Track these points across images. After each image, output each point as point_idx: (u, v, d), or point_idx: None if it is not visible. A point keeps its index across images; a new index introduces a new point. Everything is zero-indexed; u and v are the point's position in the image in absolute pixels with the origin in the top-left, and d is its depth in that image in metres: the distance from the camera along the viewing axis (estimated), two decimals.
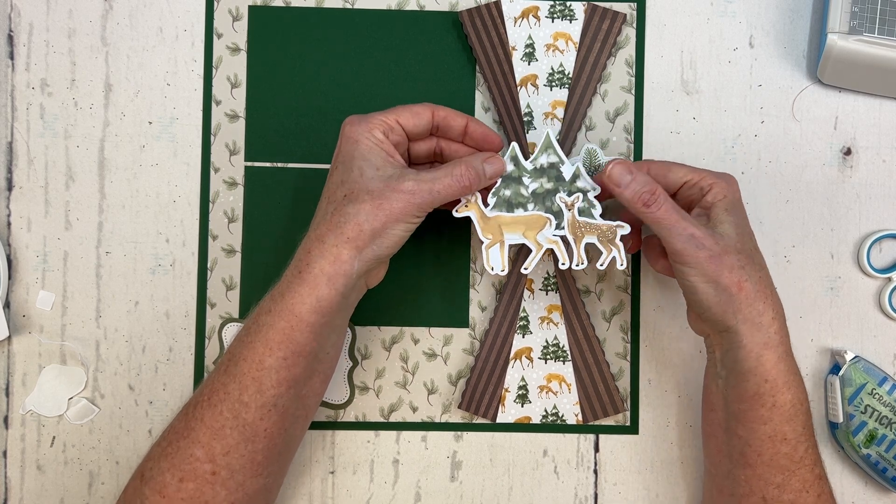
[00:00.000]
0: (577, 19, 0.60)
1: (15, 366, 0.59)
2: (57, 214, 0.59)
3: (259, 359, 0.49)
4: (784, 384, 0.50)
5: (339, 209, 0.49)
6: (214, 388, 0.49)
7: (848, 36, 0.57)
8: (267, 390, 0.49)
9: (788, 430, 0.50)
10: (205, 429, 0.49)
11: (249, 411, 0.49)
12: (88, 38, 0.60)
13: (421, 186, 0.50)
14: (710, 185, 0.52)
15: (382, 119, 0.51)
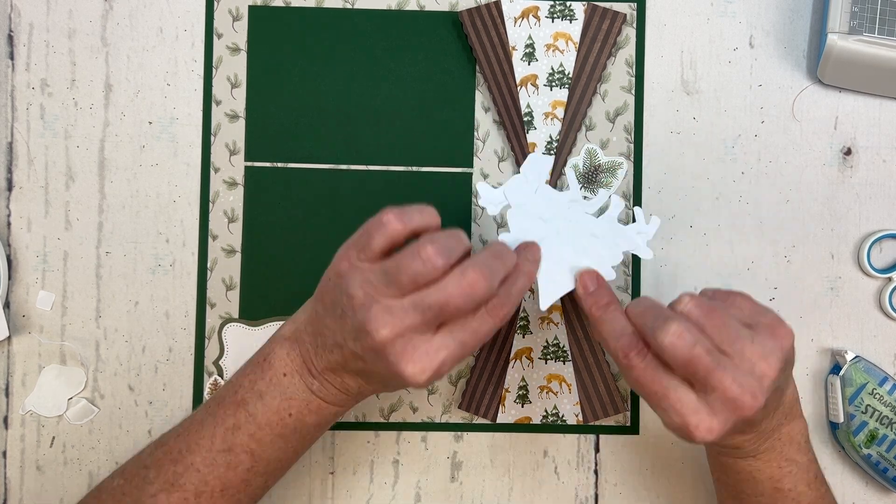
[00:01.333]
0: (577, 19, 0.60)
1: (15, 366, 0.59)
2: (57, 214, 0.59)
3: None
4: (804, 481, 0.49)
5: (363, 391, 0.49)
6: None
7: (848, 36, 0.57)
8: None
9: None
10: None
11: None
12: (88, 39, 0.60)
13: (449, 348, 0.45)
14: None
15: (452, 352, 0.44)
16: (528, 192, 0.52)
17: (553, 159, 0.59)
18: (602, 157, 0.61)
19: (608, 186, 0.60)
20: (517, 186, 0.52)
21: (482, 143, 0.60)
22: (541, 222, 0.52)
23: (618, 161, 0.61)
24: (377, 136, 0.60)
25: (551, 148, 0.60)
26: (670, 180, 0.61)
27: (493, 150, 0.60)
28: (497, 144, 0.60)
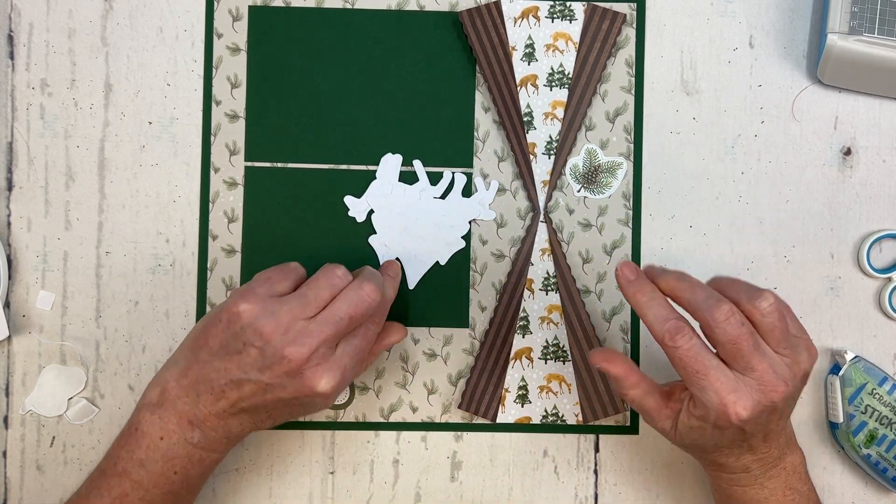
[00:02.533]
0: (576, 19, 0.60)
1: (15, 366, 0.59)
2: (57, 214, 0.59)
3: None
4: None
5: (279, 419, 0.52)
6: None
7: (848, 36, 0.57)
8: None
9: None
10: None
11: None
12: (88, 39, 0.60)
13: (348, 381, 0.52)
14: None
15: (349, 366, 0.51)
16: (386, 193, 0.60)
17: (400, 157, 0.60)
18: (602, 157, 0.61)
19: (608, 186, 0.60)
20: (376, 190, 0.60)
21: (482, 143, 0.60)
22: (400, 217, 0.60)
23: (618, 161, 0.61)
24: (377, 136, 0.60)
25: (551, 148, 0.60)
26: (670, 180, 0.61)
27: (493, 150, 0.60)
28: (497, 144, 0.60)
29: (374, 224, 0.60)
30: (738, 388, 0.47)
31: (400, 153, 0.60)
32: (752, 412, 0.46)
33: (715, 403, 0.47)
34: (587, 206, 0.61)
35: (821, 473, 0.61)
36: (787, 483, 0.51)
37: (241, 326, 0.48)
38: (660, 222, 0.61)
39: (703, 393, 0.47)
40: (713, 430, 0.48)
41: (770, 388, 0.47)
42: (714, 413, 0.47)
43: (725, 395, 0.46)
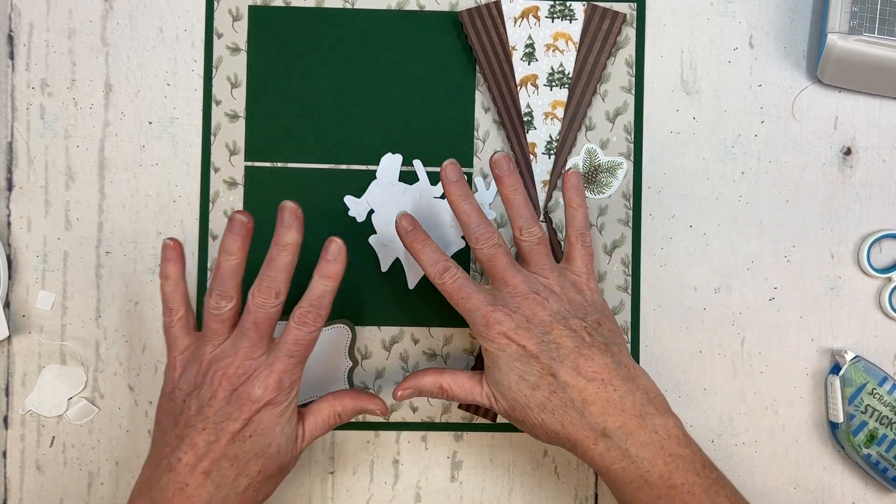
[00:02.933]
0: (577, 19, 0.60)
1: (15, 366, 0.59)
2: (57, 214, 0.59)
3: None
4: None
5: (252, 485, 0.50)
6: None
7: (848, 36, 0.57)
8: None
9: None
10: None
11: None
12: (88, 39, 0.60)
13: (305, 443, 0.52)
14: None
15: (293, 382, 0.51)
16: (386, 193, 0.60)
17: (400, 157, 0.60)
18: (602, 157, 0.61)
19: (608, 186, 0.60)
20: (376, 190, 0.60)
21: (482, 143, 0.61)
22: None
23: (618, 161, 0.61)
24: (377, 136, 0.60)
25: (551, 148, 0.60)
26: (670, 180, 0.61)
27: (493, 150, 0.60)
28: (497, 144, 0.61)
29: (374, 224, 0.60)
30: (496, 303, 0.51)
31: (400, 153, 0.60)
32: (511, 321, 0.50)
33: (479, 320, 0.51)
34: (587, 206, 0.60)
35: (821, 473, 0.61)
36: (664, 451, 0.49)
37: (194, 388, 0.49)
38: (660, 222, 0.61)
39: (470, 316, 0.51)
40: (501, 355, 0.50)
41: (523, 296, 0.51)
42: (482, 330, 0.50)
43: (485, 308, 0.50)
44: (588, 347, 0.50)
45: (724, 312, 0.61)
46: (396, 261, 0.60)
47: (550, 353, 0.50)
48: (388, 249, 0.60)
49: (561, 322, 0.50)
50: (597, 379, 0.49)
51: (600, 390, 0.49)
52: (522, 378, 0.50)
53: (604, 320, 0.52)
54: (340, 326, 0.60)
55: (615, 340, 0.52)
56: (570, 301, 0.52)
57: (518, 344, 0.50)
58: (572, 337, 0.50)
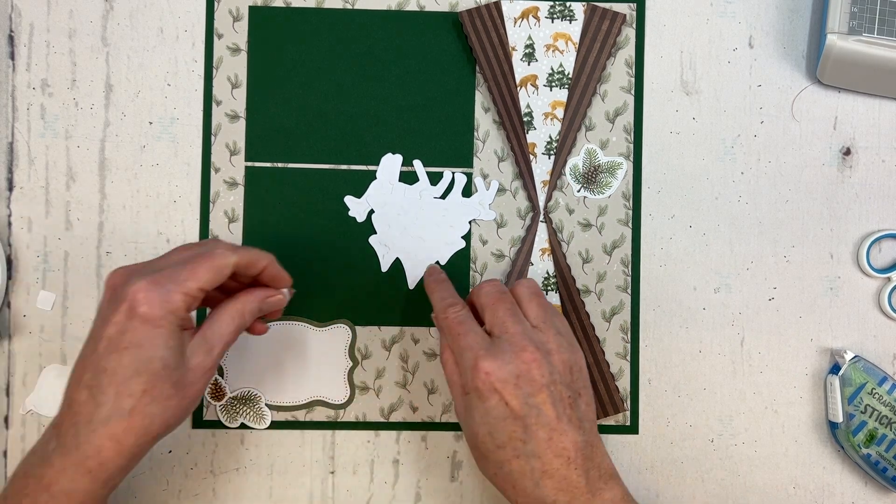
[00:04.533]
0: (576, 20, 0.60)
1: (15, 366, 0.59)
2: (57, 214, 0.59)
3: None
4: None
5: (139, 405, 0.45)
6: None
7: (847, 36, 0.57)
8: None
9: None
10: None
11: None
12: (89, 39, 0.60)
13: (211, 356, 0.48)
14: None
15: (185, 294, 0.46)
16: (386, 193, 0.60)
17: (400, 157, 0.60)
18: (602, 158, 0.61)
19: (608, 186, 0.61)
20: (376, 190, 0.60)
21: (482, 143, 0.61)
22: (400, 217, 0.60)
23: (617, 161, 0.61)
24: (377, 136, 0.60)
25: (551, 148, 0.60)
26: (670, 180, 0.61)
27: (493, 150, 0.61)
28: (497, 144, 0.61)
29: (374, 224, 0.60)
30: (491, 348, 0.50)
31: (400, 153, 0.60)
32: (502, 371, 0.49)
33: (469, 360, 0.50)
34: (587, 206, 0.61)
35: (821, 473, 0.61)
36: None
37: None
38: (660, 222, 0.61)
39: (461, 354, 0.50)
40: (479, 405, 0.49)
41: (520, 348, 0.49)
42: (469, 373, 0.49)
43: (477, 350, 0.50)
44: (566, 422, 0.49)
45: (723, 312, 0.61)
46: (396, 261, 0.60)
47: (532, 417, 0.49)
48: (389, 250, 0.60)
49: (549, 387, 0.49)
50: (563, 456, 0.48)
51: (562, 468, 0.48)
52: (490, 434, 0.49)
53: (584, 391, 0.51)
54: (340, 326, 0.60)
55: (589, 417, 0.51)
56: (563, 362, 0.50)
57: (502, 398, 0.49)
58: (555, 406, 0.49)
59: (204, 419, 0.60)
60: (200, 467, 0.60)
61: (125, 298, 0.46)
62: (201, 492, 0.60)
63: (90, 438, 0.45)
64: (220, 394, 0.60)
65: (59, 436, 0.46)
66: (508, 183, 0.61)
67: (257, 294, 0.51)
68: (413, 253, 0.60)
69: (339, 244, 0.60)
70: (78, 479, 0.45)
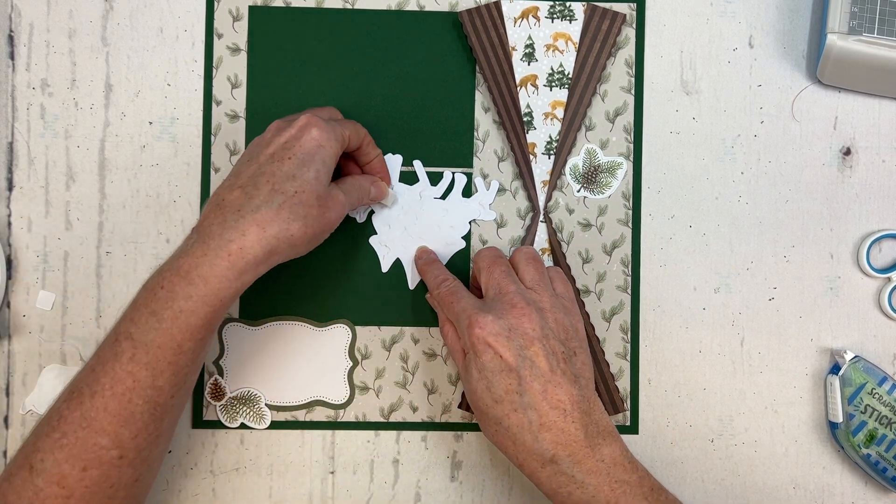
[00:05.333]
0: (576, 20, 0.60)
1: (15, 366, 0.59)
2: (57, 214, 0.59)
3: (178, 345, 0.47)
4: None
5: (287, 204, 0.49)
6: (118, 376, 0.47)
7: (847, 36, 0.57)
8: (182, 371, 0.48)
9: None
10: (110, 418, 0.47)
11: (163, 394, 0.48)
12: (89, 39, 0.60)
13: (346, 199, 0.53)
14: None
15: (342, 132, 0.53)
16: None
17: (400, 157, 0.60)
18: (602, 157, 0.61)
19: (608, 186, 0.61)
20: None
21: (482, 143, 0.61)
22: (400, 217, 0.60)
23: (617, 161, 0.61)
24: (377, 136, 0.60)
25: (551, 148, 0.60)
26: (670, 180, 0.61)
27: (493, 150, 0.61)
28: (497, 144, 0.61)
29: (374, 224, 0.60)
30: (484, 307, 0.51)
31: (400, 153, 0.60)
32: (495, 325, 0.50)
33: (464, 321, 0.51)
34: (587, 206, 0.61)
35: (821, 473, 0.61)
36: (610, 477, 0.50)
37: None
38: (660, 222, 0.61)
39: (457, 319, 0.52)
40: (475, 361, 0.50)
41: (512, 304, 0.51)
42: (465, 332, 0.51)
43: (471, 311, 0.51)
44: (561, 375, 0.50)
45: (723, 312, 0.61)
46: (397, 261, 0.60)
47: (525, 368, 0.50)
48: (389, 250, 0.60)
49: (542, 340, 0.50)
50: (559, 408, 0.49)
51: (559, 420, 0.49)
52: (488, 389, 0.50)
53: (580, 351, 0.53)
54: (340, 326, 0.60)
55: (585, 374, 0.52)
56: (557, 321, 0.52)
57: (496, 352, 0.50)
58: (548, 358, 0.50)
59: (204, 419, 0.60)
60: (200, 467, 0.60)
61: (297, 123, 0.52)
62: (201, 492, 0.60)
63: (237, 224, 0.48)
64: (220, 394, 0.60)
65: (201, 231, 0.49)
66: (508, 183, 0.61)
67: (370, 176, 0.57)
68: (413, 253, 0.60)
69: (339, 244, 0.60)
70: (217, 262, 0.47)
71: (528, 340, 0.50)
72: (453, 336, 0.54)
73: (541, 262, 0.55)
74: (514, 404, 0.50)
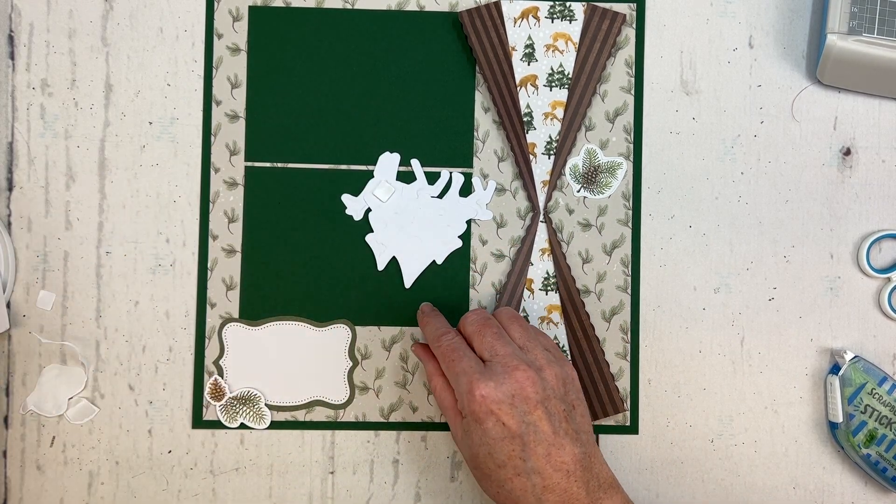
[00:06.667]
0: (576, 20, 0.60)
1: (15, 366, 0.59)
2: (57, 214, 0.59)
3: None
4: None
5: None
6: None
7: (847, 36, 0.57)
8: None
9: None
10: None
11: None
12: (89, 39, 0.60)
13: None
14: None
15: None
16: (383, 192, 0.60)
17: (398, 156, 0.60)
18: (602, 158, 0.61)
19: (608, 186, 0.61)
20: (374, 189, 0.60)
21: (482, 143, 0.61)
22: (397, 216, 0.60)
23: (617, 161, 0.61)
24: (377, 136, 0.60)
25: (551, 148, 0.60)
26: (670, 180, 0.61)
27: (492, 150, 0.61)
28: (497, 144, 0.61)
29: (370, 222, 0.60)
30: (485, 372, 0.51)
31: (400, 153, 0.60)
32: (497, 393, 0.49)
33: (464, 385, 0.50)
34: (587, 206, 0.61)
35: (821, 473, 0.61)
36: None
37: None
38: (659, 222, 0.61)
39: (456, 380, 0.51)
40: (477, 427, 0.50)
41: (512, 368, 0.50)
42: (465, 397, 0.50)
43: (472, 375, 0.50)
44: (563, 436, 0.50)
45: (723, 312, 0.61)
46: (393, 260, 0.60)
47: (529, 434, 0.49)
48: (386, 248, 0.60)
49: (543, 403, 0.50)
50: (563, 470, 0.49)
51: (562, 481, 0.49)
52: (490, 455, 0.50)
53: (578, 403, 0.52)
54: (340, 326, 0.60)
55: (584, 428, 0.52)
56: (555, 376, 0.52)
57: (498, 419, 0.49)
58: (551, 421, 0.50)
59: (204, 419, 0.60)
60: (200, 467, 0.60)
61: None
62: (201, 492, 0.60)
63: None
64: (220, 394, 0.60)
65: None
66: (508, 183, 0.61)
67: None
68: (410, 252, 0.60)
69: (339, 244, 0.60)
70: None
71: (532, 406, 0.50)
72: (443, 392, 0.54)
73: (522, 319, 0.55)
74: (517, 469, 0.49)
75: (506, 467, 0.49)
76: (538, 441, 0.49)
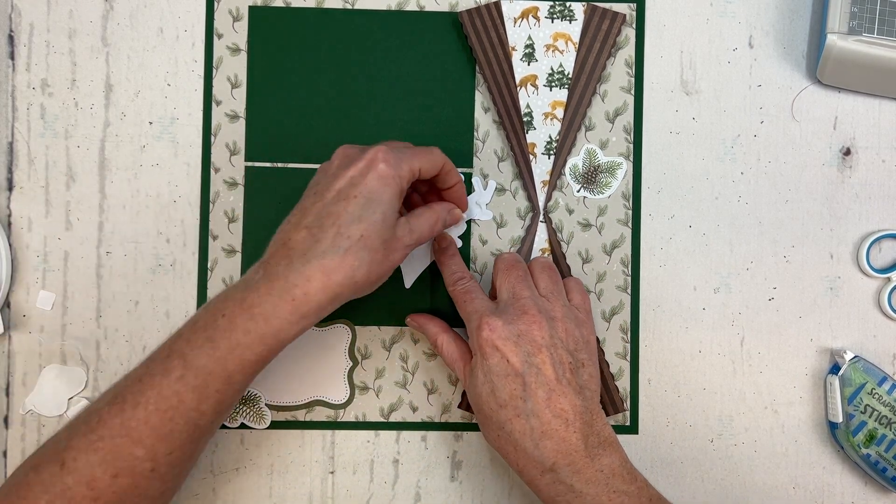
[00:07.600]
0: (576, 20, 0.60)
1: (15, 366, 0.59)
2: (57, 214, 0.59)
3: (228, 375, 0.48)
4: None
5: (353, 249, 0.48)
6: (164, 394, 0.47)
7: (847, 36, 0.57)
8: (227, 400, 0.49)
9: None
10: (149, 431, 0.47)
11: (204, 418, 0.48)
12: (89, 39, 0.60)
13: (412, 237, 0.51)
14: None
15: (411, 166, 0.51)
16: None
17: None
18: (601, 158, 0.61)
19: (608, 186, 0.61)
20: None
21: (482, 143, 0.61)
22: None
23: (617, 161, 0.61)
24: (377, 136, 0.60)
25: (551, 148, 0.60)
26: (670, 180, 0.61)
27: (492, 150, 0.61)
28: (497, 144, 0.61)
29: None
30: (497, 311, 0.52)
31: None
32: (504, 329, 0.51)
33: (474, 322, 0.52)
34: (587, 206, 0.61)
35: (821, 473, 0.61)
36: (609, 487, 0.50)
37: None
38: (659, 222, 0.61)
39: (468, 318, 0.53)
40: (482, 363, 0.51)
41: (523, 310, 0.51)
42: (474, 333, 0.52)
43: (483, 311, 0.52)
44: (565, 384, 0.50)
45: (723, 312, 0.61)
46: None
47: (531, 375, 0.50)
48: None
49: (549, 348, 0.51)
50: (562, 417, 0.50)
51: (560, 429, 0.50)
52: (492, 393, 0.51)
53: (588, 363, 0.53)
54: (340, 326, 0.60)
55: (590, 386, 0.52)
56: (567, 331, 0.52)
57: (503, 355, 0.50)
58: (555, 367, 0.50)
59: None
60: (200, 467, 0.60)
61: (365, 157, 0.50)
62: (201, 492, 0.60)
63: (303, 269, 0.47)
64: None
65: (267, 268, 0.48)
66: (508, 183, 0.61)
67: (447, 204, 0.55)
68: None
69: None
70: (280, 305, 0.47)
71: (536, 347, 0.50)
72: (451, 344, 0.55)
73: (556, 272, 0.56)
74: (517, 410, 0.50)
75: (507, 407, 0.50)
76: (539, 384, 0.50)
